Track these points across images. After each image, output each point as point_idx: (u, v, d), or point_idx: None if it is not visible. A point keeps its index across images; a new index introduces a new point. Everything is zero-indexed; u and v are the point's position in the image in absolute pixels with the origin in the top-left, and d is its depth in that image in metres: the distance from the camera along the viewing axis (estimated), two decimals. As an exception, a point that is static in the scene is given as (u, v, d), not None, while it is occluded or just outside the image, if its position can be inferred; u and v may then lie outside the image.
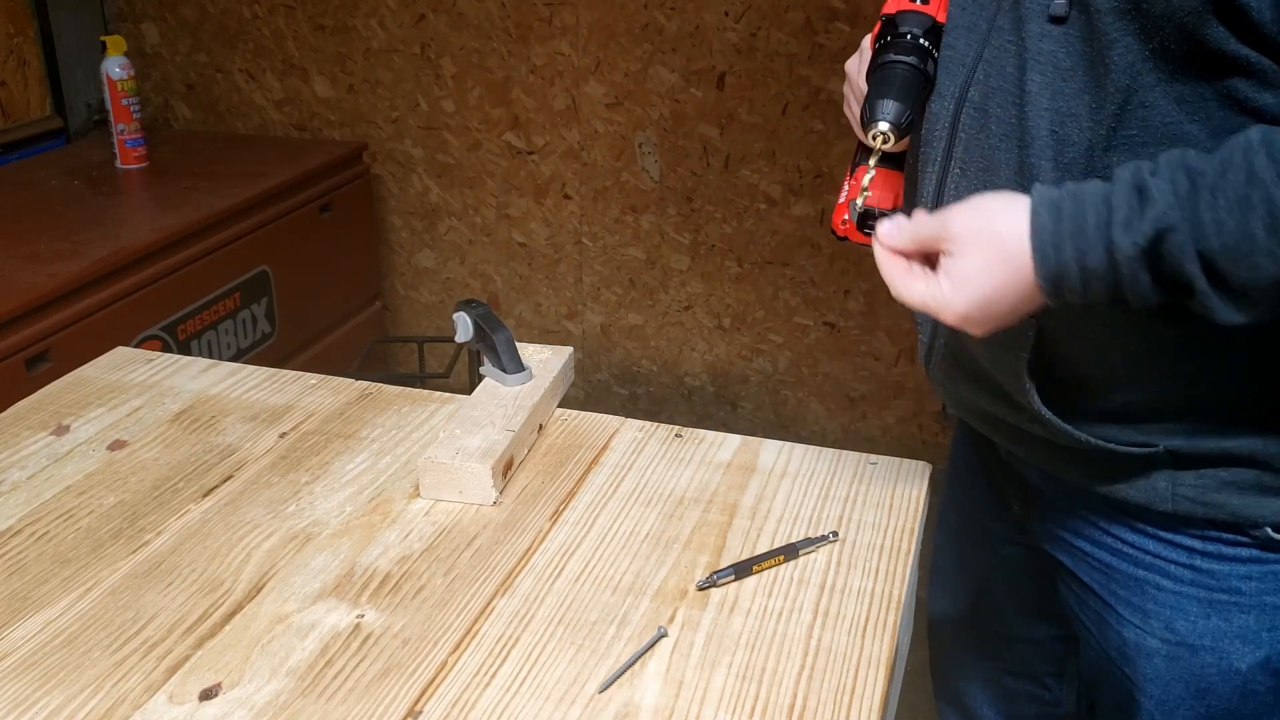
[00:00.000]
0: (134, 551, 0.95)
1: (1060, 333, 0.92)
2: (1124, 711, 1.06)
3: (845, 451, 1.10)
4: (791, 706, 0.79)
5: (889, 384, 2.58)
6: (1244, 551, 0.96)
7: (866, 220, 1.02)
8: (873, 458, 1.09)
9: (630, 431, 1.14)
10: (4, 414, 1.17)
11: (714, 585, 0.91)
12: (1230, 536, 0.96)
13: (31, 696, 0.80)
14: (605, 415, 1.17)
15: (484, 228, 2.75)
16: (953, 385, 1.06)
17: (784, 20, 2.36)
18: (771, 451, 1.10)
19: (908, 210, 1.03)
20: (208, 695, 0.80)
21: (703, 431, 1.13)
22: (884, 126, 0.91)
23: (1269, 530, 0.94)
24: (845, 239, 1.04)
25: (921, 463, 1.08)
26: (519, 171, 2.67)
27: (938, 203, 0.96)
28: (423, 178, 2.75)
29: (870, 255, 0.94)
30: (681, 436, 1.13)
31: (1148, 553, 0.99)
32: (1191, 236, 0.76)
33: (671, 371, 2.75)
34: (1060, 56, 0.85)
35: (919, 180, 0.99)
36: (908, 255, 0.88)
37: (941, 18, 0.95)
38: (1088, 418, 0.95)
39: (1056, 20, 0.86)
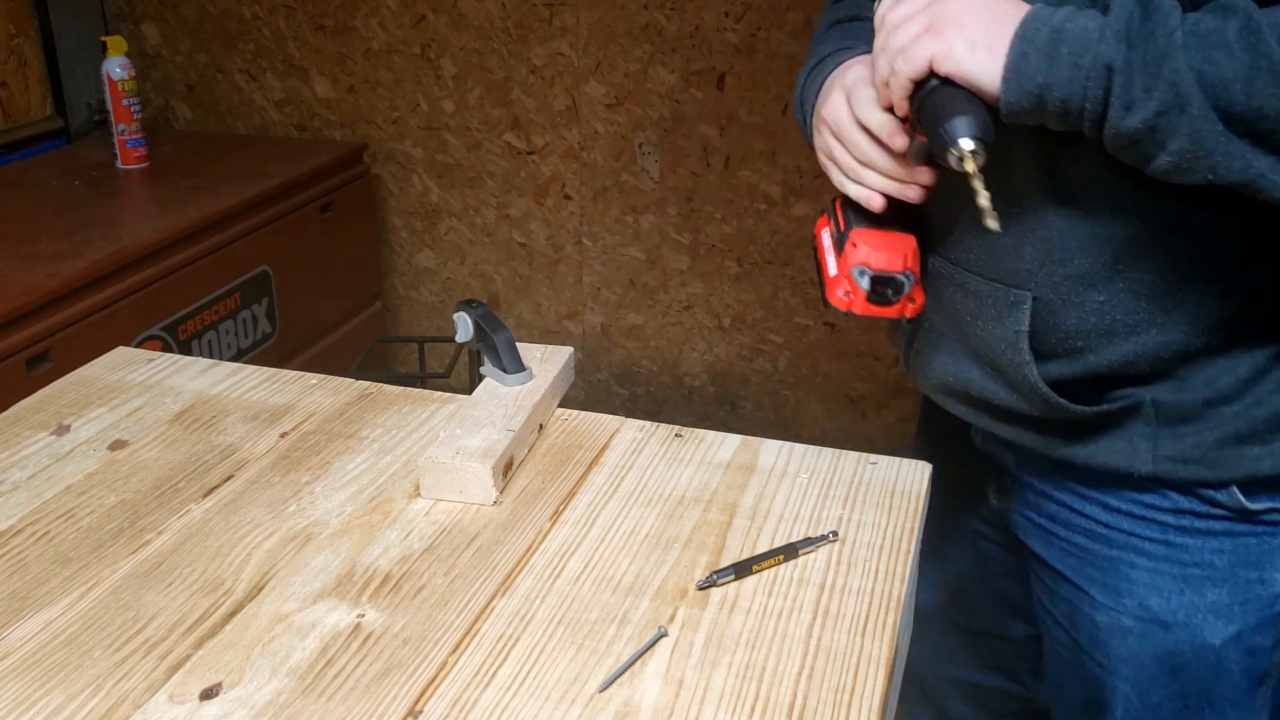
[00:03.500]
0: (134, 551, 0.95)
1: (1055, 302, 0.93)
2: (1095, 703, 1.06)
3: (845, 451, 1.10)
4: (791, 706, 0.79)
5: (889, 384, 2.58)
6: (1217, 525, 0.97)
7: (880, 286, 0.95)
8: (873, 458, 1.09)
9: (630, 431, 1.14)
10: (4, 414, 1.17)
11: (714, 585, 0.91)
12: (1204, 509, 0.97)
13: (32, 696, 0.80)
14: (605, 415, 1.17)
15: (484, 228, 2.76)
16: (934, 366, 1.06)
17: (784, 20, 2.36)
18: (771, 451, 1.10)
19: (933, 235, 1.01)
20: (208, 695, 0.80)
21: (703, 431, 1.13)
22: (968, 145, 0.80)
23: (1238, 494, 0.95)
24: (849, 313, 0.97)
25: (921, 462, 1.08)
26: (519, 172, 2.67)
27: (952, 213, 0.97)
28: (423, 178, 2.75)
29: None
30: (681, 436, 1.13)
31: (1121, 530, 1.01)
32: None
33: (671, 371, 2.75)
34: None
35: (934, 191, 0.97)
36: None
37: None
38: (1072, 380, 0.95)
39: None
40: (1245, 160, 0.76)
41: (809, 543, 0.95)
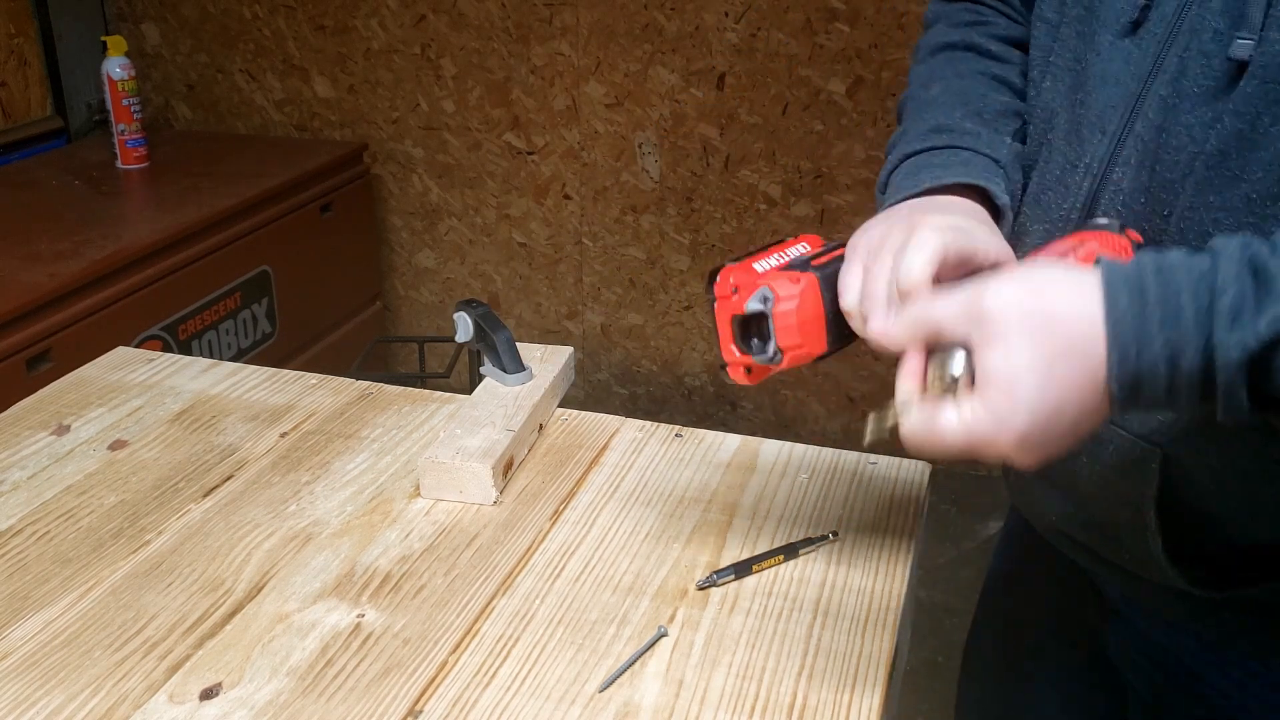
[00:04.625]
0: (135, 551, 0.95)
1: (1189, 461, 0.74)
2: None
3: (845, 451, 1.10)
4: (791, 705, 0.79)
5: (889, 384, 2.57)
6: None
7: (758, 324, 0.75)
8: (873, 458, 1.09)
9: (630, 431, 1.14)
10: (4, 414, 1.17)
11: (714, 585, 0.91)
12: None
13: (32, 696, 0.80)
14: (605, 415, 1.17)
15: (484, 228, 2.76)
16: (1036, 502, 0.90)
17: (784, 20, 2.36)
18: (771, 451, 1.10)
19: None
20: (208, 695, 0.80)
21: (703, 431, 1.13)
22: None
23: None
24: (712, 306, 0.79)
25: (921, 463, 1.08)
26: (519, 171, 2.67)
27: None
28: (423, 178, 2.75)
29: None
30: (681, 436, 1.13)
31: (1258, 700, 0.83)
32: None
33: (671, 371, 2.75)
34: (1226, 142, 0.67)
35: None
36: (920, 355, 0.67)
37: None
38: (1202, 556, 0.78)
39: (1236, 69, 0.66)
40: None
41: (809, 543, 0.95)
